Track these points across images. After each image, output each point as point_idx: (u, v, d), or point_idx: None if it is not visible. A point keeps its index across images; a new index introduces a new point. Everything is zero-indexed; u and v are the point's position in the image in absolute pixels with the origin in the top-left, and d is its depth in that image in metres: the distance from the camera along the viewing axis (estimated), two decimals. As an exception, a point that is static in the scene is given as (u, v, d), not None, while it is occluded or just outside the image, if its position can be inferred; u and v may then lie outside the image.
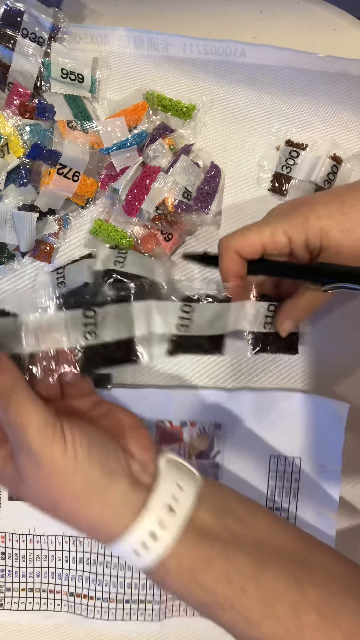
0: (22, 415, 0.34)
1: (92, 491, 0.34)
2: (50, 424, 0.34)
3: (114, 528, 0.34)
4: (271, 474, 0.55)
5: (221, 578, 0.34)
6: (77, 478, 0.34)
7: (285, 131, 0.52)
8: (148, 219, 0.50)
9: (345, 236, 0.40)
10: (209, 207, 0.50)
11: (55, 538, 0.57)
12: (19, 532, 0.57)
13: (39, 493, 0.35)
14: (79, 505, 0.34)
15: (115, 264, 0.48)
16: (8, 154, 0.50)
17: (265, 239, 0.41)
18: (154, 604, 0.56)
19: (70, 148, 0.50)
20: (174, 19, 0.52)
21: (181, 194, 0.49)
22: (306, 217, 0.40)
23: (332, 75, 0.51)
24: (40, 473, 0.34)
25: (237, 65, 0.51)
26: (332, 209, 0.40)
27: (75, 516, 0.35)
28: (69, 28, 0.50)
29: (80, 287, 0.48)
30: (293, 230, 0.41)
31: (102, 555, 0.57)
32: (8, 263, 0.53)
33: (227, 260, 0.42)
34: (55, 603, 0.57)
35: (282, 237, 0.41)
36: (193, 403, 0.55)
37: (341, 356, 0.54)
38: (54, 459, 0.34)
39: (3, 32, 0.48)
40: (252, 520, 0.37)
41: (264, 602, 0.33)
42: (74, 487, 0.34)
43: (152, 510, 0.34)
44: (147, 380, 0.54)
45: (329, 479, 0.54)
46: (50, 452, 0.34)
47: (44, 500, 0.36)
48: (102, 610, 0.56)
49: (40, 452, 0.34)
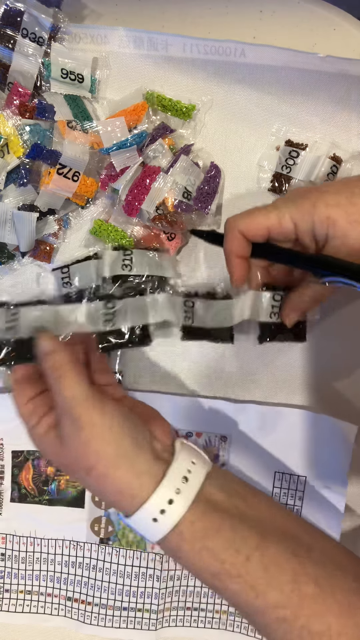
0: (70, 387, 0.40)
1: (122, 459, 0.38)
2: (91, 397, 0.40)
3: (138, 494, 0.38)
4: (275, 490, 0.55)
5: (229, 547, 0.36)
6: (110, 445, 0.38)
7: (285, 131, 0.52)
8: (148, 219, 0.50)
9: (353, 227, 0.39)
10: (209, 207, 0.50)
11: (55, 542, 0.56)
12: (20, 534, 0.57)
13: (76, 456, 0.39)
14: (110, 470, 0.38)
15: (123, 268, 0.50)
16: (8, 154, 0.49)
17: (271, 223, 0.41)
18: (150, 613, 0.56)
19: (70, 148, 0.50)
20: (174, 19, 0.52)
21: (181, 194, 0.49)
22: (314, 204, 0.40)
23: (332, 75, 0.51)
24: (79, 437, 0.39)
25: (237, 65, 0.51)
26: (342, 199, 0.40)
27: (104, 480, 0.38)
28: (69, 28, 0.51)
29: (88, 288, 0.52)
30: (300, 216, 0.40)
31: (101, 561, 0.56)
32: (8, 263, 0.53)
33: (231, 240, 0.42)
34: (53, 607, 0.57)
35: (288, 222, 0.41)
36: (199, 413, 0.54)
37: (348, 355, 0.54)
38: (93, 426, 0.39)
39: (3, 32, 0.49)
40: (255, 501, 0.40)
41: (268, 572, 0.36)
42: (107, 453, 0.38)
43: (170, 480, 0.38)
44: (151, 386, 0.55)
45: (333, 501, 0.54)
46: (90, 420, 0.39)
47: (80, 464, 0.39)
48: (99, 616, 0.56)
49: (82, 419, 0.39)
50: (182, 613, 0.56)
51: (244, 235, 0.42)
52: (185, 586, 0.56)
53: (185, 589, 0.56)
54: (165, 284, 0.52)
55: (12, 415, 0.54)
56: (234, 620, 0.56)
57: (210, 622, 0.56)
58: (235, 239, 0.42)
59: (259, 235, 0.42)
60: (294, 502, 0.55)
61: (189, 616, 0.56)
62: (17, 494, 0.56)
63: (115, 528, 0.56)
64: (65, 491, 0.56)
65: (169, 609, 0.56)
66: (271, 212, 0.41)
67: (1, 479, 0.56)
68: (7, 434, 0.55)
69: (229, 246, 0.43)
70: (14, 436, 0.55)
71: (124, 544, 0.56)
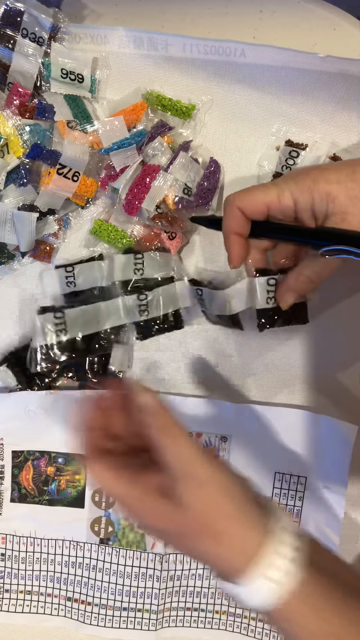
0: (186, 446, 0.37)
1: (239, 512, 0.36)
2: (202, 453, 0.37)
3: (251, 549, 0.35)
4: (275, 490, 0.55)
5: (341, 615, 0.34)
6: (229, 500, 0.36)
7: (285, 131, 0.52)
8: (148, 218, 0.50)
9: (352, 203, 0.39)
10: (210, 203, 0.50)
11: (55, 542, 0.56)
12: (20, 534, 0.57)
13: (194, 517, 0.36)
14: (229, 526, 0.36)
15: (135, 272, 0.51)
16: (8, 154, 0.50)
17: (270, 199, 0.41)
18: (150, 613, 0.56)
19: (70, 148, 0.50)
20: (174, 19, 0.52)
21: (181, 190, 0.49)
22: (314, 180, 0.40)
23: (332, 75, 0.51)
24: (201, 496, 0.36)
25: (237, 65, 0.51)
26: (342, 176, 0.40)
27: (219, 538, 0.36)
28: (69, 28, 0.51)
29: (93, 289, 0.53)
30: (300, 192, 0.40)
31: (101, 561, 0.56)
32: (8, 263, 0.53)
33: (230, 217, 0.42)
34: (53, 607, 0.57)
35: (288, 199, 0.41)
36: (199, 413, 0.54)
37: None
38: (214, 482, 0.36)
39: (3, 32, 0.49)
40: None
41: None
42: (228, 508, 0.36)
43: (283, 535, 0.35)
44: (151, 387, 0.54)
45: (333, 501, 0.54)
46: (211, 476, 0.36)
47: (197, 523, 0.36)
48: (99, 616, 0.56)
49: (201, 477, 0.36)
50: (182, 613, 0.56)
51: (243, 212, 0.42)
52: (185, 586, 0.56)
53: (185, 589, 0.56)
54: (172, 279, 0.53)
55: (13, 415, 0.55)
56: (233, 621, 0.56)
57: (210, 623, 0.56)
58: (233, 216, 0.42)
59: (258, 212, 0.42)
60: (294, 503, 0.55)
61: (189, 616, 0.56)
62: (17, 494, 0.56)
63: (115, 528, 0.56)
64: (65, 491, 0.56)
65: (168, 609, 0.56)
66: (270, 188, 0.41)
67: (1, 479, 0.56)
68: (7, 434, 0.55)
69: (227, 223, 0.43)
70: (14, 436, 0.55)
71: (124, 544, 0.56)
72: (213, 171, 0.51)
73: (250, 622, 0.55)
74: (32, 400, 0.54)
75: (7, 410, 0.55)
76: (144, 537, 0.56)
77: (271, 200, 0.41)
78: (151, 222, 0.50)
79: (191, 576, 0.56)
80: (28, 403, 0.54)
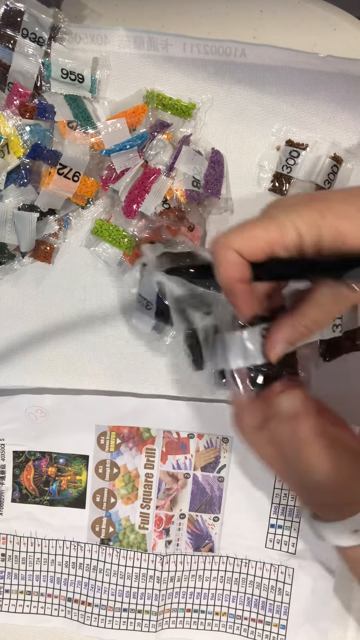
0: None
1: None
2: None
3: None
4: (276, 491, 0.55)
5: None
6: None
7: (285, 131, 0.52)
8: (154, 214, 0.50)
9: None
10: (220, 192, 0.50)
11: (56, 542, 0.56)
12: (21, 535, 0.56)
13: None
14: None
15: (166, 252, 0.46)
16: (8, 154, 0.49)
17: (272, 236, 0.34)
18: (151, 614, 0.56)
19: (71, 148, 0.50)
20: (174, 19, 0.52)
21: (190, 183, 0.49)
22: (321, 214, 0.34)
23: (332, 75, 0.51)
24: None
25: (237, 65, 0.51)
26: (352, 210, 0.34)
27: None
28: (69, 28, 0.51)
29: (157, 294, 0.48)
30: (305, 226, 0.34)
31: (101, 562, 0.56)
32: (8, 263, 0.53)
33: (227, 264, 0.35)
34: (53, 608, 0.57)
35: (292, 234, 0.34)
36: (201, 415, 0.54)
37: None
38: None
39: (3, 32, 0.49)
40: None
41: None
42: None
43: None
44: (152, 390, 0.55)
45: None
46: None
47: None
48: (100, 617, 0.56)
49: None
50: (182, 615, 0.56)
51: (241, 254, 0.35)
52: (186, 588, 0.56)
53: (186, 591, 0.56)
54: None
55: (13, 415, 0.55)
56: (233, 623, 0.56)
57: (210, 624, 0.56)
58: (231, 260, 0.35)
59: (259, 253, 0.35)
60: (294, 504, 0.55)
61: (189, 618, 0.56)
62: (18, 494, 0.56)
63: (116, 529, 0.56)
64: (66, 492, 0.56)
65: (169, 611, 0.56)
66: (270, 223, 0.35)
67: (2, 479, 0.56)
68: (8, 434, 0.55)
69: (226, 271, 0.35)
70: (15, 436, 0.55)
71: (125, 545, 0.56)
72: (217, 160, 0.51)
73: (250, 624, 0.55)
74: (32, 402, 0.54)
75: (9, 411, 0.55)
76: (144, 538, 0.56)
77: (273, 238, 0.34)
78: (157, 217, 0.50)
79: (191, 577, 0.56)
80: (28, 404, 0.54)
